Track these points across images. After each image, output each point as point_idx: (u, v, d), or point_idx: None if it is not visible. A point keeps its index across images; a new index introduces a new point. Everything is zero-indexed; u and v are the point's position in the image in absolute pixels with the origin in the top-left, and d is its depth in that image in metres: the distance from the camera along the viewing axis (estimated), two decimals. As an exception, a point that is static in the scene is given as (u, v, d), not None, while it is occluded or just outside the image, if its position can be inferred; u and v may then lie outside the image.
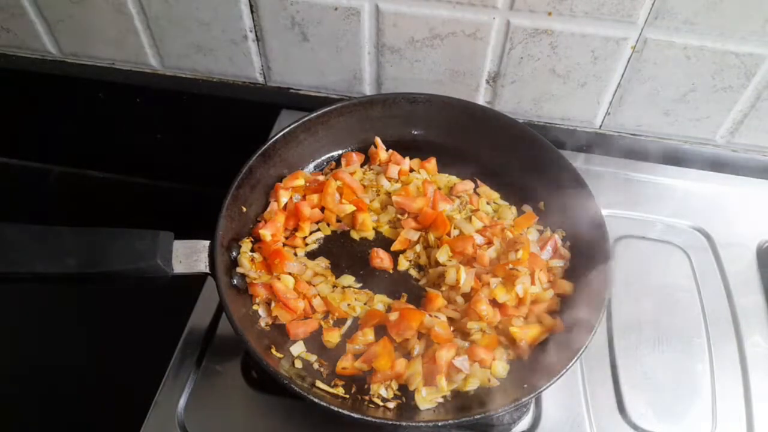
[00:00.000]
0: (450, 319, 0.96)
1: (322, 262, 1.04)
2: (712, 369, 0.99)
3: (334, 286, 1.01)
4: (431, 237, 1.05)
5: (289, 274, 0.99)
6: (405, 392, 0.90)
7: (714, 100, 1.17)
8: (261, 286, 0.97)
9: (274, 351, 0.92)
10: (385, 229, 1.09)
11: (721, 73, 1.12)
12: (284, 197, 1.08)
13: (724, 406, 0.96)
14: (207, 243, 0.92)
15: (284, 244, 1.05)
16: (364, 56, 1.23)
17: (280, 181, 1.10)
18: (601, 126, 1.28)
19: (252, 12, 1.19)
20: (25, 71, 1.40)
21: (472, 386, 0.90)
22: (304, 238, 1.07)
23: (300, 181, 1.10)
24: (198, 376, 0.96)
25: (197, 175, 1.41)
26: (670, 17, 1.05)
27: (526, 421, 0.94)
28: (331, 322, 0.98)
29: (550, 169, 1.08)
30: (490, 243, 1.02)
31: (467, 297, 0.97)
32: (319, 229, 1.09)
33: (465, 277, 0.96)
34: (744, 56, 1.08)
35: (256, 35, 1.24)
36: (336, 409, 0.82)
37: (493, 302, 0.94)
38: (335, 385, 0.91)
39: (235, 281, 0.98)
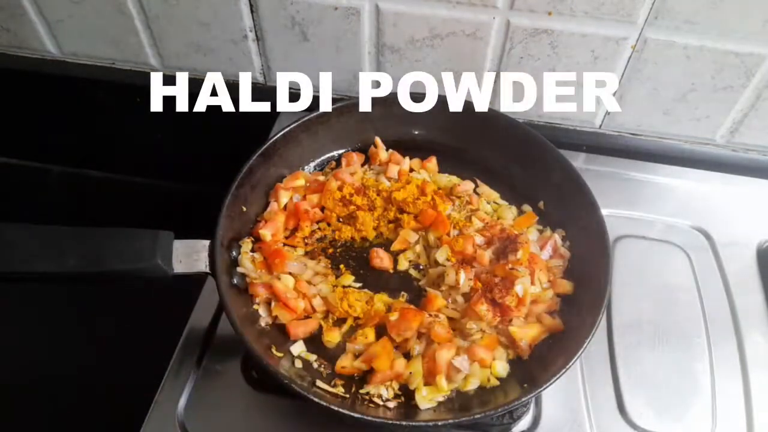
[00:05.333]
0: (450, 319, 0.96)
1: (322, 262, 1.04)
2: (712, 369, 0.99)
3: (334, 286, 1.01)
4: (431, 237, 1.05)
5: (289, 273, 0.99)
6: (405, 392, 0.90)
7: (714, 100, 1.17)
8: (261, 285, 0.97)
9: (274, 351, 0.92)
10: (385, 229, 1.09)
11: (721, 73, 1.12)
12: (284, 197, 1.08)
13: (724, 405, 0.96)
14: (207, 243, 0.92)
15: (284, 244, 1.05)
16: (364, 56, 1.23)
17: (280, 181, 1.10)
18: (601, 126, 1.28)
19: (252, 12, 1.19)
20: (25, 71, 1.40)
21: (472, 386, 0.90)
22: (304, 238, 1.07)
23: (300, 181, 1.10)
24: (198, 376, 0.96)
25: (197, 175, 1.41)
26: (670, 17, 1.05)
27: (526, 421, 0.94)
28: (331, 322, 0.98)
29: (550, 169, 1.08)
30: (490, 243, 1.02)
31: (467, 297, 0.97)
32: (319, 229, 1.09)
33: (464, 279, 0.96)
34: (744, 56, 1.08)
35: (256, 35, 1.24)
36: (336, 408, 0.82)
37: (493, 302, 0.94)
38: (335, 385, 0.91)
39: (235, 281, 0.97)
